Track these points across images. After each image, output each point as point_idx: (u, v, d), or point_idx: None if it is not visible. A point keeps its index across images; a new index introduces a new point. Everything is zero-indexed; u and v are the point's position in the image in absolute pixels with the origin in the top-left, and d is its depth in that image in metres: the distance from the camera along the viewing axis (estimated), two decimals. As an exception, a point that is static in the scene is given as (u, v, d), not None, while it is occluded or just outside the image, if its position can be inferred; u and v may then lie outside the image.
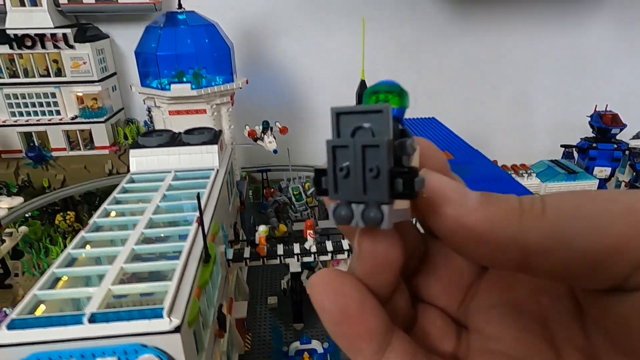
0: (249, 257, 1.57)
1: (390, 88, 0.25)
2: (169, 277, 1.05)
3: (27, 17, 2.27)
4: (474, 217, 0.22)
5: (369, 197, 0.22)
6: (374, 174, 0.21)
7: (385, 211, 0.21)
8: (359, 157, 0.22)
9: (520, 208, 0.22)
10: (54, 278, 1.05)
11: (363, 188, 0.22)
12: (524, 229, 0.21)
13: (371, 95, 0.25)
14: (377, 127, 0.22)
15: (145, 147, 1.64)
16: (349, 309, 0.23)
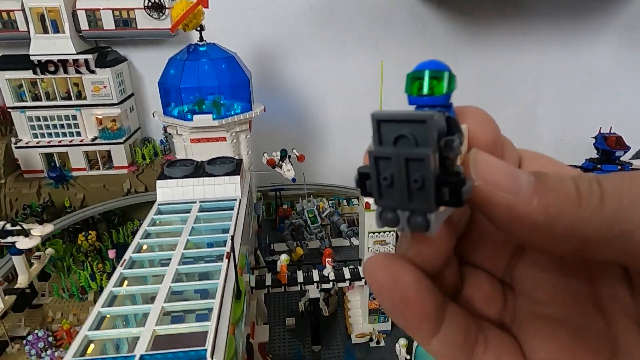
0: (271, 285, 1.65)
1: (436, 73, 0.23)
2: (207, 315, 1.13)
3: (51, 44, 2.34)
4: (529, 207, 0.21)
5: (414, 205, 0.21)
6: (418, 185, 0.21)
7: (431, 219, 0.21)
8: (402, 168, 0.21)
9: (577, 196, 0.21)
10: (100, 317, 1.13)
11: (408, 197, 0.21)
12: (583, 219, 0.20)
13: (414, 81, 0.23)
14: (421, 137, 0.21)
15: (171, 177, 1.72)
16: (407, 296, 0.24)
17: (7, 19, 2.34)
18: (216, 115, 1.93)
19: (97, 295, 1.95)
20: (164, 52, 2.61)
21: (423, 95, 0.23)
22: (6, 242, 1.68)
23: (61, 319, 1.86)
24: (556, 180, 0.21)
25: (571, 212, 0.20)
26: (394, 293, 0.24)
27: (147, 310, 1.13)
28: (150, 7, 2.34)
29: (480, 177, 0.22)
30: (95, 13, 2.37)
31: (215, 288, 1.22)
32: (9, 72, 2.36)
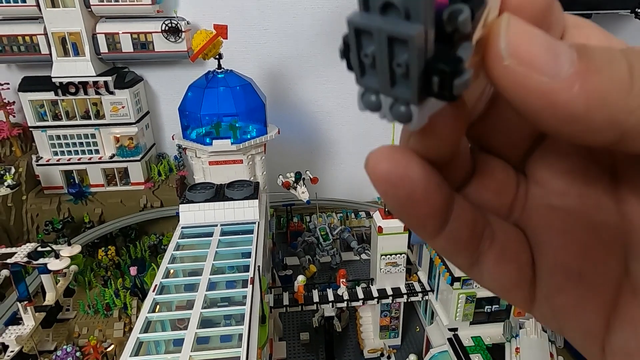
0: (288, 304, 1.74)
1: None
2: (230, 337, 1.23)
3: (71, 66, 2.44)
4: (569, 94, 0.17)
5: (397, 92, 0.18)
6: (402, 71, 0.17)
7: (414, 112, 0.18)
8: (384, 47, 0.17)
9: (629, 77, 0.17)
10: (139, 342, 1.22)
11: (391, 81, 0.18)
12: (631, 110, 0.17)
13: None
14: (413, 7, 0.17)
15: (193, 202, 1.81)
16: (415, 193, 0.21)
17: (30, 43, 2.43)
18: (233, 139, 2.02)
19: (120, 312, 2.05)
20: (179, 72, 2.72)
21: None
22: (38, 263, 1.78)
23: (87, 334, 1.95)
24: (605, 57, 0.18)
25: (619, 101, 0.17)
26: (400, 190, 0.21)
27: (181, 336, 1.22)
28: (167, 31, 2.43)
29: (512, 53, 0.18)
30: (115, 37, 2.46)
31: (242, 314, 1.31)
32: (32, 94, 2.45)
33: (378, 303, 1.84)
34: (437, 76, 0.17)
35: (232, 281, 1.49)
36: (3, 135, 2.56)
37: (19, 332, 1.74)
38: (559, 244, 0.24)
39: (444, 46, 0.17)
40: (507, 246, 0.25)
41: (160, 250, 2.52)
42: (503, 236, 0.25)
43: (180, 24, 2.44)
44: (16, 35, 2.41)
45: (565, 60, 0.18)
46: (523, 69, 0.18)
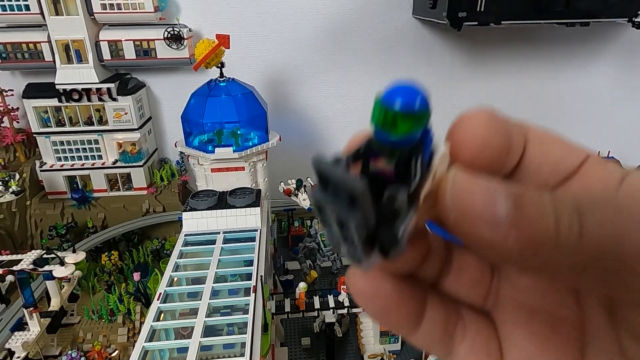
0: (290, 311, 1.77)
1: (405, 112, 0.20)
2: (239, 349, 1.26)
3: (75, 73, 2.46)
4: (505, 242, 0.20)
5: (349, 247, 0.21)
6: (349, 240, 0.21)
7: (364, 261, 0.21)
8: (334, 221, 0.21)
9: (555, 231, 0.20)
10: (144, 351, 1.25)
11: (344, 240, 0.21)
12: (558, 258, 0.20)
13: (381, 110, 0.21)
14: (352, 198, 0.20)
15: (195, 209, 1.84)
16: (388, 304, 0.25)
17: (34, 50, 2.45)
18: (235, 147, 2.05)
19: (124, 318, 2.07)
20: (181, 79, 2.75)
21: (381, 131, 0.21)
22: (44, 270, 1.81)
23: (92, 339, 1.98)
24: (536, 210, 0.20)
25: (546, 251, 0.20)
26: (375, 303, 0.25)
27: (186, 344, 1.25)
28: (170, 38, 2.46)
29: (456, 207, 0.21)
30: (117, 44, 2.48)
31: (245, 322, 1.34)
32: (36, 100, 2.48)
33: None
34: (378, 243, 0.21)
35: (235, 289, 1.52)
36: (7, 141, 2.59)
37: (25, 338, 1.77)
38: (523, 337, 0.26)
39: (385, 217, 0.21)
40: (478, 338, 0.27)
41: (163, 255, 2.55)
42: (474, 329, 0.27)
43: (182, 31, 2.46)
44: (20, 42, 2.44)
45: (503, 211, 0.20)
46: (467, 221, 0.20)
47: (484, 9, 2.07)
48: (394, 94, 0.21)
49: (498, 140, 0.23)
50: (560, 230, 0.20)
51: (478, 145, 0.23)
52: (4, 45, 2.43)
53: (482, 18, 2.10)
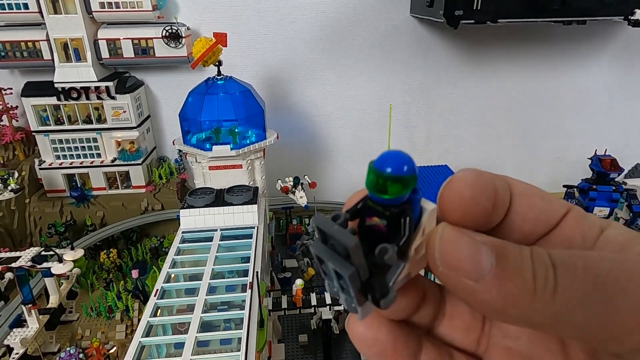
0: (287, 307, 1.78)
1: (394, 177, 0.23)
2: (235, 344, 1.27)
3: (73, 72, 2.47)
4: (488, 294, 0.22)
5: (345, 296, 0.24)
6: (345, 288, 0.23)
7: (359, 311, 0.24)
8: (332, 272, 0.23)
9: (533, 287, 0.21)
10: (141, 346, 1.26)
11: (340, 289, 0.24)
12: (534, 311, 0.22)
13: (373, 175, 0.23)
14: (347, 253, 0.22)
15: (193, 207, 1.85)
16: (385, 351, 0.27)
17: (33, 48, 2.46)
18: (233, 145, 2.06)
19: (123, 315, 2.08)
20: (180, 77, 2.76)
21: (375, 194, 0.24)
22: (42, 267, 1.82)
23: (90, 336, 1.99)
24: (516, 265, 0.22)
25: (525, 304, 0.22)
26: (373, 349, 0.27)
27: (182, 340, 1.26)
28: (168, 37, 2.47)
29: (443, 262, 0.23)
30: (116, 42, 2.49)
31: (241, 318, 1.35)
32: (35, 99, 2.49)
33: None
34: (370, 294, 0.23)
35: (231, 285, 1.53)
36: (6, 139, 2.60)
37: (24, 334, 1.78)
38: None
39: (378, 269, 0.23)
40: None
41: (161, 253, 2.56)
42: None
43: (180, 29, 2.47)
44: (19, 41, 2.44)
45: (487, 265, 0.22)
46: (454, 274, 0.23)
47: (481, 7, 2.08)
48: (384, 161, 0.23)
49: (484, 199, 0.25)
50: (537, 284, 0.22)
51: (466, 205, 0.24)
52: (2, 43, 2.44)
53: (478, 16, 2.11)
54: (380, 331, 0.27)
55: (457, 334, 0.30)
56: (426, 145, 3.06)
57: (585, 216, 0.27)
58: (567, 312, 0.21)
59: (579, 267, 0.22)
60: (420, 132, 3.05)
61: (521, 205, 0.27)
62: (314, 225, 0.24)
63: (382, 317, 0.27)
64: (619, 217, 2.78)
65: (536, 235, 0.27)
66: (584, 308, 0.21)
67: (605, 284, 0.21)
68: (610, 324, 0.21)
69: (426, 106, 2.98)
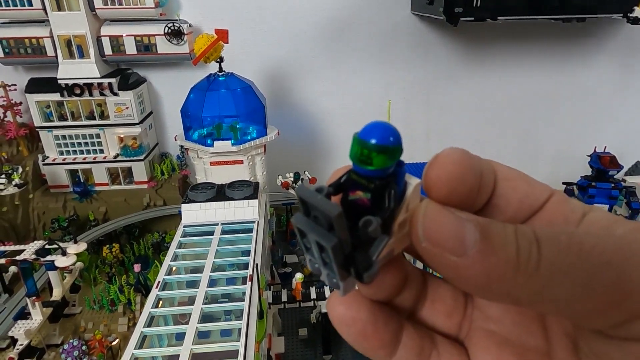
0: (287, 301, 1.80)
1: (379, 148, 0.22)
2: (231, 331, 1.29)
3: (77, 68, 2.50)
4: (472, 270, 0.22)
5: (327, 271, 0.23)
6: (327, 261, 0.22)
7: (341, 286, 0.23)
8: (315, 245, 0.23)
9: (516, 260, 0.21)
10: (143, 336, 1.28)
11: (322, 264, 0.23)
12: (517, 285, 0.21)
13: (357, 146, 0.23)
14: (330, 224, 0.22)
15: (194, 201, 1.88)
16: (365, 331, 0.26)
17: (37, 45, 2.49)
18: (234, 140, 2.08)
19: (125, 308, 2.11)
20: (182, 74, 2.78)
21: (359, 165, 0.23)
22: (46, 260, 1.84)
23: (93, 329, 2.02)
24: (500, 240, 0.22)
25: (508, 277, 0.21)
26: (352, 329, 0.26)
27: (183, 330, 1.28)
28: (170, 34, 2.49)
29: (427, 237, 0.22)
30: (119, 39, 2.52)
31: (241, 309, 1.37)
32: (38, 95, 2.52)
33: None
34: (353, 267, 0.22)
35: (232, 278, 1.56)
36: (10, 135, 2.63)
37: (28, 326, 1.81)
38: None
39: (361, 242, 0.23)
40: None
41: (163, 248, 2.58)
42: (447, 357, 0.29)
43: (182, 26, 2.49)
44: (23, 37, 2.47)
45: (470, 240, 0.22)
46: (437, 250, 0.22)
47: (480, 4, 2.10)
48: (369, 132, 0.23)
49: (471, 178, 0.25)
50: (520, 258, 0.21)
51: (452, 183, 0.24)
52: (7, 40, 2.46)
53: (478, 14, 2.12)
54: (360, 311, 0.26)
55: (439, 318, 0.30)
56: (426, 142, 3.07)
57: (567, 200, 0.27)
58: (550, 286, 0.21)
59: (563, 242, 0.22)
60: (420, 129, 3.07)
61: (505, 188, 0.27)
62: (297, 195, 0.23)
63: (362, 298, 0.27)
64: (619, 214, 2.80)
65: (519, 219, 0.27)
66: (567, 282, 0.21)
67: (590, 257, 0.21)
68: (594, 297, 0.21)
69: (426, 103, 3.00)
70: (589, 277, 0.21)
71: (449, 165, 0.24)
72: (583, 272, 0.21)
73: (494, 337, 0.28)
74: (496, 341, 0.28)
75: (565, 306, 0.22)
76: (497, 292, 0.22)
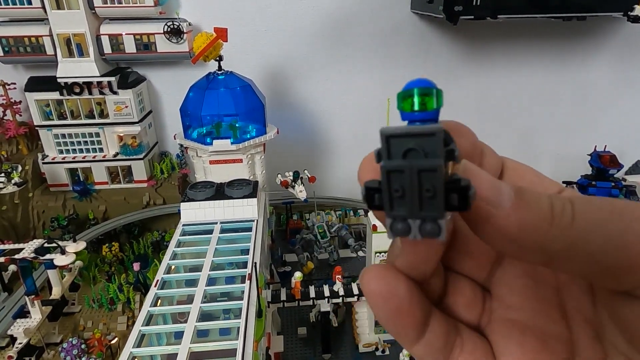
0: (286, 300, 1.80)
1: (426, 90, 0.24)
2: (229, 330, 1.29)
3: (76, 67, 2.49)
4: (506, 220, 0.22)
5: (425, 213, 0.23)
6: (430, 194, 0.22)
7: (442, 225, 0.23)
8: (414, 179, 0.22)
9: (550, 214, 0.22)
10: (141, 335, 1.28)
11: (419, 205, 0.23)
12: (552, 238, 0.22)
13: (405, 98, 0.24)
14: (429, 148, 0.22)
15: (194, 200, 1.87)
16: (402, 306, 0.26)
17: (36, 44, 2.49)
18: (234, 139, 2.08)
19: (124, 306, 2.11)
20: (181, 72, 2.77)
21: (415, 111, 0.24)
22: (45, 259, 1.84)
23: (92, 327, 2.02)
24: (534, 197, 0.23)
25: (543, 231, 0.22)
26: (388, 304, 0.26)
27: (181, 329, 1.28)
28: (170, 32, 2.49)
29: None
30: (118, 38, 2.51)
31: (240, 308, 1.37)
32: (38, 94, 2.52)
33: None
34: (456, 193, 0.23)
35: (231, 277, 1.55)
36: (10, 134, 2.63)
37: (27, 324, 1.81)
38: (516, 352, 0.28)
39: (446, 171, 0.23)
40: (475, 353, 0.29)
41: (162, 247, 2.58)
42: (471, 345, 0.29)
43: (182, 25, 2.49)
44: (22, 36, 2.47)
45: (505, 195, 0.23)
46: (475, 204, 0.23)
47: (480, 3, 2.09)
48: (416, 83, 0.24)
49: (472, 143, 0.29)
50: (555, 211, 0.23)
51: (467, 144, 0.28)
52: (6, 39, 2.46)
53: (478, 12, 2.12)
54: (398, 287, 0.26)
55: (459, 309, 0.30)
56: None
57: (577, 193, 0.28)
58: (584, 239, 0.22)
59: (596, 201, 0.23)
60: (420, 128, 3.06)
61: (513, 177, 0.29)
62: (385, 134, 0.23)
63: (400, 274, 0.26)
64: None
65: None
66: (602, 234, 0.22)
67: (623, 213, 0.22)
68: (626, 251, 0.22)
69: (426, 102, 2.99)
70: (623, 229, 0.22)
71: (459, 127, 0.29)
72: (616, 227, 0.22)
73: (515, 325, 0.28)
74: (518, 329, 0.28)
75: (597, 261, 0.22)
76: (531, 245, 0.23)
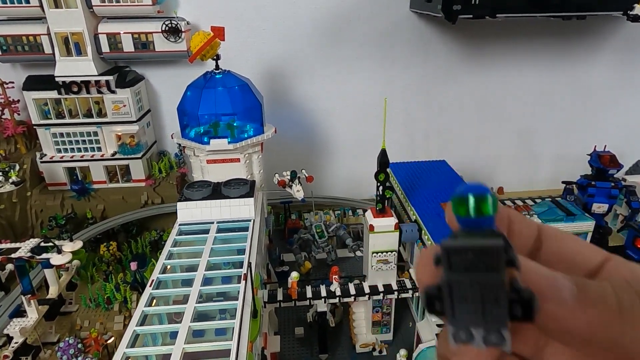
0: (282, 299, 1.80)
1: (481, 196, 0.24)
2: (225, 330, 1.28)
3: (74, 66, 2.49)
4: (574, 320, 0.22)
5: (488, 323, 0.23)
6: (493, 306, 0.23)
7: (507, 336, 0.23)
8: (476, 291, 0.23)
9: (618, 310, 0.23)
10: (135, 335, 1.28)
11: (482, 316, 0.23)
12: (625, 334, 0.22)
13: (461, 203, 0.24)
14: (490, 262, 0.23)
15: (190, 200, 1.87)
16: None
17: (34, 42, 2.48)
18: (231, 138, 2.07)
19: (121, 306, 2.11)
20: (179, 71, 2.77)
21: (471, 217, 0.24)
22: (41, 258, 1.84)
23: (89, 327, 2.02)
24: (599, 291, 0.23)
25: (614, 328, 0.23)
26: None
27: (176, 329, 1.28)
28: (168, 31, 2.48)
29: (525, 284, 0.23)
30: (116, 37, 2.51)
31: (235, 308, 1.36)
32: (36, 92, 2.51)
33: (369, 299, 1.89)
34: (519, 304, 0.23)
35: (227, 277, 1.55)
36: (8, 133, 2.63)
37: (23, 324, 1.81)
38: None
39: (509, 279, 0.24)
40: None
41: (160, 246, 2.57)
42: None
43: (180, 24, 2.48)
44: (20, 35, 2.47)
45: (568, 291, 0.23)
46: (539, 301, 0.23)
47: (479, 2, 2.08)
48: (470, 189, 0.25)
49: None
50: (623, 307, 0.23)
51: None
52: (4, 37, 2.46)
53: (476, 11, 2.11)
54: None
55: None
56: (425, 140, 3.06)
57: (625, 262, 0.28)
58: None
59: None
60: (419, 127, 3.05)
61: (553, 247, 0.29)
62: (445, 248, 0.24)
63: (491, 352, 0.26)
64: (618, 214, 2.79)
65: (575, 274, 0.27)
66: None
67: None
68: None
69: (425, 101, 2.98)
70: None
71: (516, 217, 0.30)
72: None
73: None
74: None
75: None
76: (604, 341, 0.23)
